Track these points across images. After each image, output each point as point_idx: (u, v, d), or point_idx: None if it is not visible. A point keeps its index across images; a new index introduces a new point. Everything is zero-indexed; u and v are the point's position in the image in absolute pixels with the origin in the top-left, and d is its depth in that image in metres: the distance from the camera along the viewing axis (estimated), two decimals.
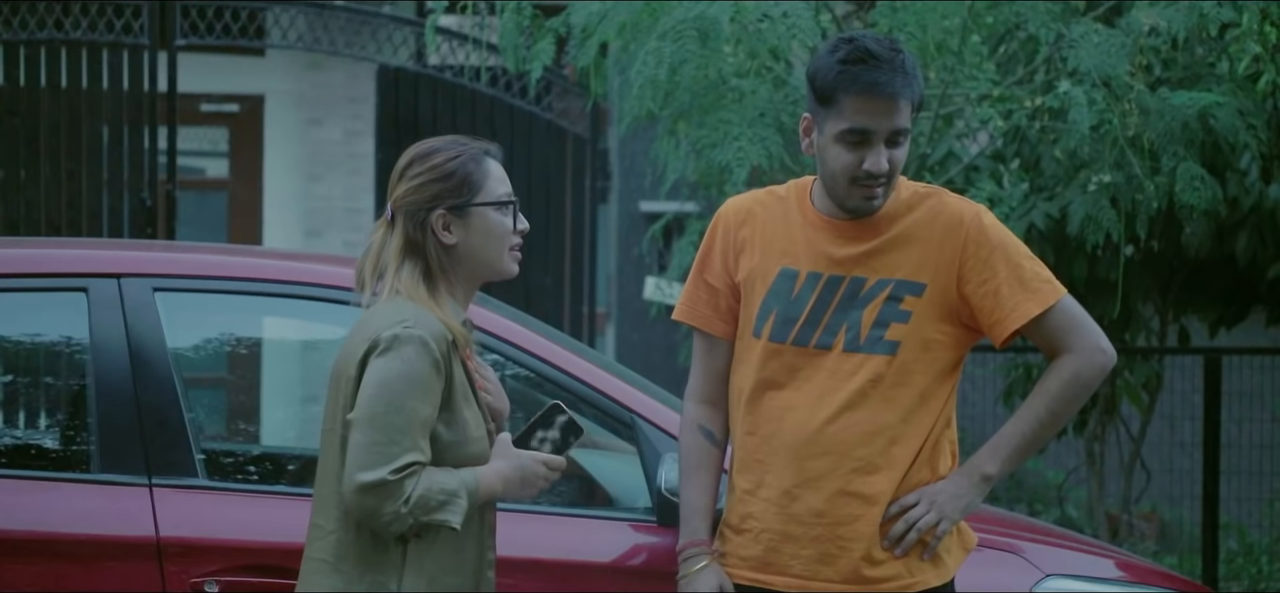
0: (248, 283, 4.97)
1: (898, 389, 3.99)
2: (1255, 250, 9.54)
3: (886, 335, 3.99)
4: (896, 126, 3.96)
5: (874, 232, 4.04)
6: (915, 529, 3.99)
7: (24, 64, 10.63)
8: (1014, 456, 4.06)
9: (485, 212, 3.92)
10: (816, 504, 3.99)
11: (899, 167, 4.00)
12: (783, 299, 4.04)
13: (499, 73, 11.58)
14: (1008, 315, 4.01)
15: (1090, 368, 4.04)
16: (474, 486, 3.83)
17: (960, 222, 4.05)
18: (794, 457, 4.00)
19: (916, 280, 4.01)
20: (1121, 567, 5.30)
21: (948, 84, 8.92)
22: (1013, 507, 12.81)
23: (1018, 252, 4.05)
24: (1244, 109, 8.53)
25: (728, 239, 4.14)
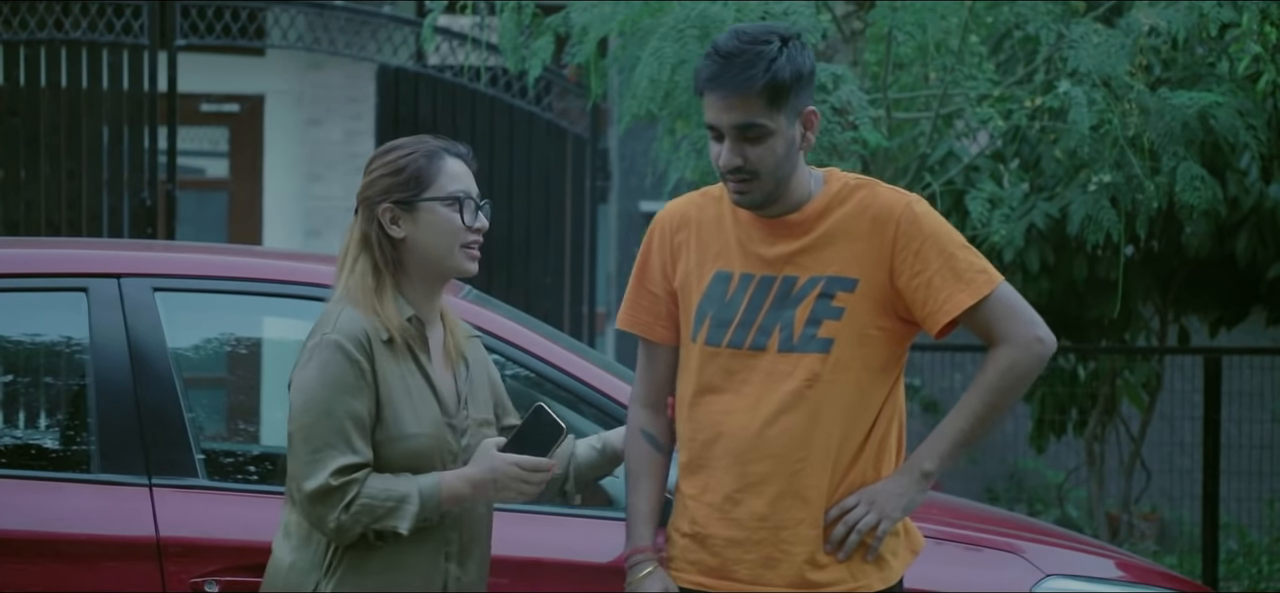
0: (248, 283, 4.97)
1: (834, 388, 3.92)
2: (1255, 250, 9.55)
3: (820, 333, 3.93)
4: (740, 122, 3.87)
5: (804, 229, 3.98)
6: (855, 532, 3.92)
7: (24, 64, 10.63)
8: (952, 450, 3.99)
9: (434, 207, 3.93)
10: (759, 508, 3.94)
11: (765, 161, 3.89)
12: (717, 302, 4.00)
13: (499, 73, 11.58)
14: (941, 307, 3.93)
15: (1027, 358, 3.96)
16: (432, 491, 3.83)
17: (891, 213, 3.96)
18: (735, 461, 3.95)
19: (848, 276, 3.95)
20: (1121, 567, 5.30)
21: (948, 84, 8.92)
22: (1013, 507, 12.82)
23: (951, 241, 3.96)
24: (1244, 109, 8.53)
25: (664, 245, 4.10)
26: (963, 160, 9.49)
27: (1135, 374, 10.52)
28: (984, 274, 3.96)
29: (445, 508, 3.85)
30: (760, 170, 3.90)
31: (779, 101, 3.88)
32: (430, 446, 3.87)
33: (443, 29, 11.46)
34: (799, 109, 3.93)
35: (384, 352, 3.86)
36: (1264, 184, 9.44)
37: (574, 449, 4.20)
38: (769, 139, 3.88)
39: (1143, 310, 10.38)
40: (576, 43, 8.64)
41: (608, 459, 4.24)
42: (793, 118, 3.92)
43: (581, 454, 4.21)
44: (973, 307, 3.94)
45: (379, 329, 3.86)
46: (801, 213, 3.97)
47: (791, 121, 3.91)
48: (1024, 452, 12.76)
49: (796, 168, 3.96)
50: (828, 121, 8.12)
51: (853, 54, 8.90)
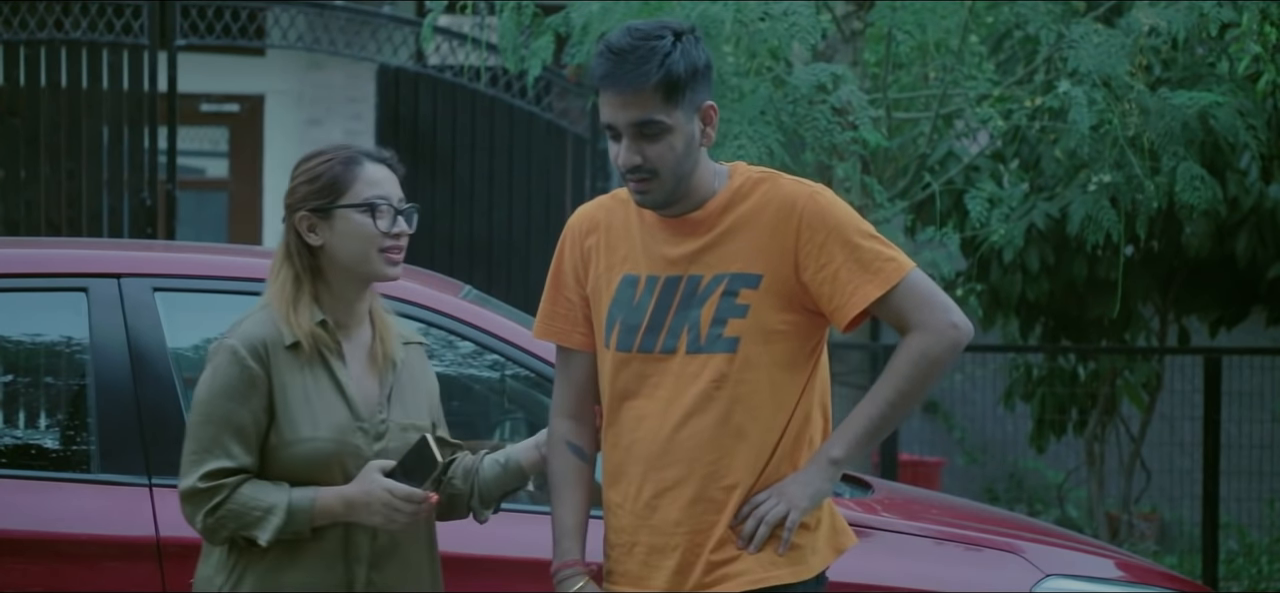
0: (248, 283, 4.96)
1: (742, 387, 3.82)
2: (1255, 250, 9.55)
3: (725, 332, 3.84)
4: (637, 119, 3.78)
5: (706, 226, 3.88)
6: (763, 524, 3.81)
7: (24, 64, 10.63)
8: (862, 439, 3.86)
9: (348, 214, 3.92)
10: (675, 514, 3.85)
11: (665, 159, 3.80)
12: (625, 307, 3.91)
13: (499, 72, 11.58)
14: (848, 300, 3.82)
15: (939, 345, 3.83)
16: (305, 504, 3.82)
17: (792, 206, 3.85)
18: (650, 467, 3.86)
19: (751, 272, 3.84)
20: (1121, 567, 5.30)
21: (948, 84, 8.92)
22: (1013, 507, 12.82)
23: (857, 231, 3.85)
24: (1244, 109, 8.53)
25: (575, 250, 4.01)
26: (963, 160, 9.48)
27: (1135, 374, 10.52)
28: (892, 263, 3.85)
29: (318, 523, 3.83)
30: (660, 169, 3.81)
31: (675, 97, 3.79)
32: (329, 450, 3.86)
33: (443, 29, 11.46)
34: (697, 104, 3.84)
35: (287, 358, 3.87)
36: (1264, 184, 9.44)
37: (479, 467, 4.10)
38: (667, 136, 3.80)
39: (1143, 310, 10.38)
40: (576, 42, 8.64)
41: (511, 475, 4.10)
42: (691, 113, 3.82)
43: (485, 471, 4.09)
44: (882, 297, 3.83)
45: (284, 335, 3.87)
46: (704, 210, 3.88)
47: (690, 117, 3.82)
48: (1024, 452, 12.76)
49: (698, 165, 3.87)
50: (828, 121, 8.12)
51: (853, 54, 8.90)
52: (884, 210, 8.60)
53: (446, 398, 4.97)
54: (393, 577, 3.93)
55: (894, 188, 9.00)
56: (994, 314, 10.17)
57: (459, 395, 5.30)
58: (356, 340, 3.98)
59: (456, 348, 5.04)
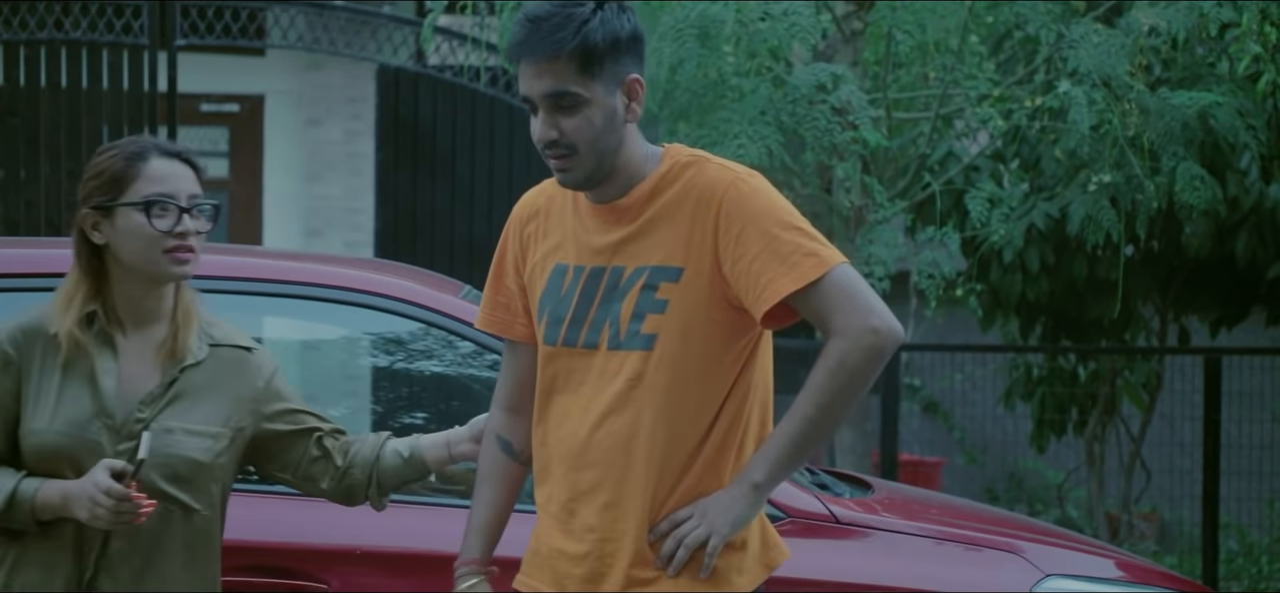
0: (248, 283, 4.97)
1: (658, 387, 3.57)
2: (1255, 250, 9.56)
3: (643, 329, 3.59)
4: (551, 90, 3.54)
5: (632, 214, 3.63)
6: (683, 546, 3.55)
7: (24, 64, 10.63)
8: (784, 460, 3.57)
9: (129, 212, 3.83)
10: (589, 519, 3.63)
11: (582, 133, 3.56)
12: (554, 298, 3.69)
13: (499, 73, 11.59)
14: (761, 294, 3.52)
15: (857, 352, 3.50)
16: (29, 494, 3.75)
17: (713, 193, 3.58)
18: (569, 468, 3.65)
19: (671, 265, 3.59)
20: (1121, 567, 5.30)
21: (948, 84, 8.92)
22: (1013, 507, 12.82)
23: (779, 221, 3.55)
24: (1244, 109, 8.54)
25: (517, 237, 3.81)
26: (963, 160, 9.49)
27: (1135, 374, 10.53)
28: (812, 258, 3.54)
29: (41, 515, 3.74)
30: (578, 144, 3.57)
31: (592, 68, 3.55)
32: (59, 443, 3.77)
33: (443, 29, 11.47)
34: (619, 78, 3.58)
35: (46, 350, 3.82)
36: (1264, 184, 9.44)
37: (380, 456, 3.98)
38: (584, 109, 3.55)
39: (1143, 310, 10.39)
40: None
41: (412, 468, 3.99)
42: (612, 86, 3.57)
43: (386, 460, 3.98)
44: (799, 293, 3.52)
45: (17, 329, 3.84)
46: (629, 198, 3.63)
47: (610, 91, 3.57)
48: (1024, 452, 12.76)
49: (623, 143, 3.61)
50: (828, 121, 8.12)
51: (853, 54, 8.91)
52: (884, 210, 8.60)
53: (447, 398, 4.94)
54: (125, 580, 3.80)
55: (894, 188, 9.00)
56: (994, 314, 10.17)
57: (459, 395, 5.30)
58: (145, 337, 3.87)
59: (456, 348, 5.04)
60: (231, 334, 3.97)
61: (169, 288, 3.88)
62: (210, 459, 3.83)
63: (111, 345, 3.85)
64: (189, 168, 3.90)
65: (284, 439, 3.98)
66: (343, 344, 5.45)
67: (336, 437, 4.02)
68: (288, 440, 3.98)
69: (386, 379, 5.23)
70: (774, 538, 3.73)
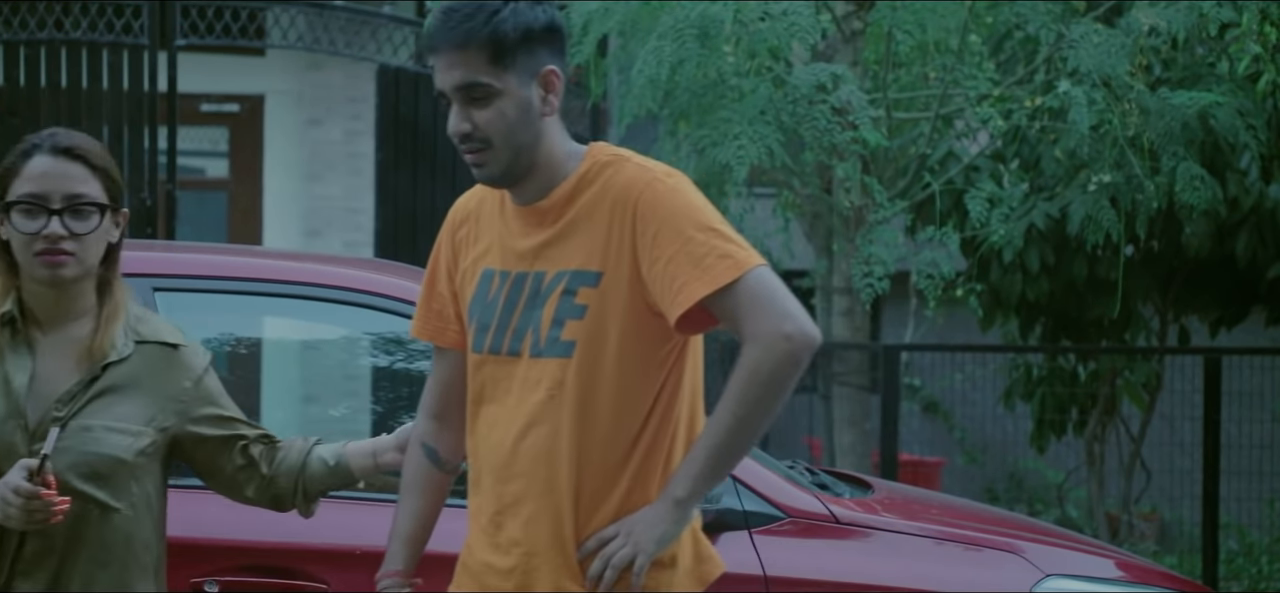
0: (248, 283, 4.97)
1: (578, 397, 3.47)
2: (1255, 250, 9.56)
3: (563, 336, 3.48)
4: (462, 81, 3.45)
5: (555, 216, 3.53)
6: (610, 567, 3.43)
7: (24, 64, 10.63)
8: (707, 473, 3.44)
9: (12, 211, 3.76)
10: (514, 532, 3.52)
11: (495, 126, 3.46)
12: (481, 303, 3.60)
13: None
14: (675, 297, 3.40)
15: (770, 359, 3.38)
16: None
17: (629, 194, 3.47)
18: (496, 479, 3.55)
19: (590, 269, 3.48)
20: (1121, 567, 5.30)
21: (948, 84, 8.93)
22: (1013, 507, 12.83)
23: (694, 222, 3.43)
24: (1244, 109, 8.55)
25: (450, 241, 3.71)
26: (963, 160, 9.49)
27: (1135, 374, 10.53)
28: (727, 261, 3.41)
29: None
30: (492, 137, 3.47)
31: (505, 59, 3.45)
32: None
33: None
34: (534, 69, 3.48)
35: None
36: (1264, 184, 9.45)
37: (306, 464, 3.89)
38: (496, 101, 3.46)
39: (1143, 310, 10.39)
40: (576, 42, 8.64)
41: (338, 477, 3.90)
42: (525, 78, 3.47)
43: (312, 468, 3.90)
44: (713, 296, 3.40)
45: None
46: (550, 198, 3.53)
47: (524, 82, 3.47)
48: (1024, 452, 12.76)
49: (541, 138, 3.51)
50: (828, 121, 8.13)
51: (853, 54, 8.91)
52: (884, 210, 8.61)
53: None
54: (43, 581, 3.72)
55: (894, 188, 9.00)
56: (994, 314, 10.18)
57: None
58: (65, 335, 3.79)
59: None
60: (160, 330, 3.87)
61: (86, 285, 3.80)
62: (130, 457, 3.73)
63: (28, 344, 3.77)
64: (80, 165, 3.78)
65: (208, 444, 3.88)
66: (343, 344, 5.45)
67: (264, 444, 3.92)
68: (212, 446, 3.88)
69: (386, 379, 5.23)
70: (707, 552, 3.61)
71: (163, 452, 3.83)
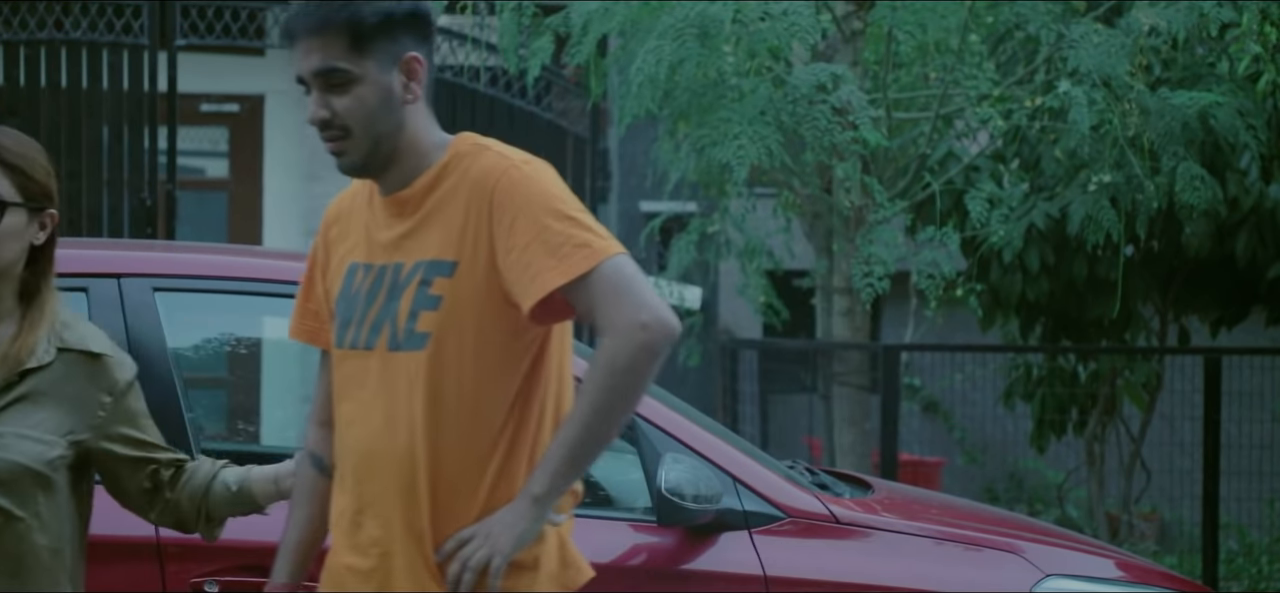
0: (248, 283, 4.97)
1: (434, 391, 3.37)
2: (1255, 250, 9.56)
3: (418, 328, 3.38)
4: (320, 67, 3.39)
5: (414, 206, 3.44)
6: (468, 570, 3.31)
7: (24, 64, 10.63)
8: (565, 469, 3.33)
9: None
10: (373, 531, 3.42)
11: (355, 114, 3.39)
12: (346, 298, 3.51)
13: (499, 73, 11.59)
14: (530, 286, 3.31)
15: (626, 350, 3.28)
16: None
17: (486, 181, 3.38)
18: (355, 479, 3.45)
19: (444, 259, 3.38)
20: (1121, 567, 5.30)
21: (948, 84, 8.93)
22: (1013, 507, 12.83)
23: (551, 210, 3.34)
24: (1244, 109, 8.55)
25: (324, 239, 3.62)
26: (963, 160, 9.49)
27: (1135, 374, 10.53)
28: (583, 249, 3.32)
29: None
30: (351, 125, 3.39)
31: (364, 45, 3.37)
32: None
33: (443, 29, 11.47)
34: (396, 56, 3.41)
35: None
36: (1264, 184, 9.45)
37: (210, 489, 3.79)
38: (355, 87, 3.38)
39: (1143, 310, 10.39)
40: (576, 42, 8.65)
41: (241, 502, 3.79)
42: (386, 64, 3.40)
43: (215, 492, 3.79)
44: (568, 286, 3.30)
45: None
46: (412, 188, 3.44)
47: (385, 69, 3.40)
48: (1024, 452, 12.76)
49: (403, 126, 3.43)
50: (828, 121, 8.13)
51: (853, 54, 8.91)
52: (884, 210, 8.61)
53: None
54: None
55: (894, 188, 9.01)
56: (994, 314, 10.18)
57: None
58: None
59: None
60: (86, 338, 3.75)
61: (7, 288, 3.70)
62: (38, 466, 3.61)
63: None
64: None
65: (117, 462, 3.77)
66: None
67: (173, 468, 3.82)
68: (122, 466, 3.77)
69: None
70: (574, 558, 3.50)
71: (79, 463, 3.72)
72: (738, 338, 13.78)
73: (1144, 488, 11.03)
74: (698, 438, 4.82)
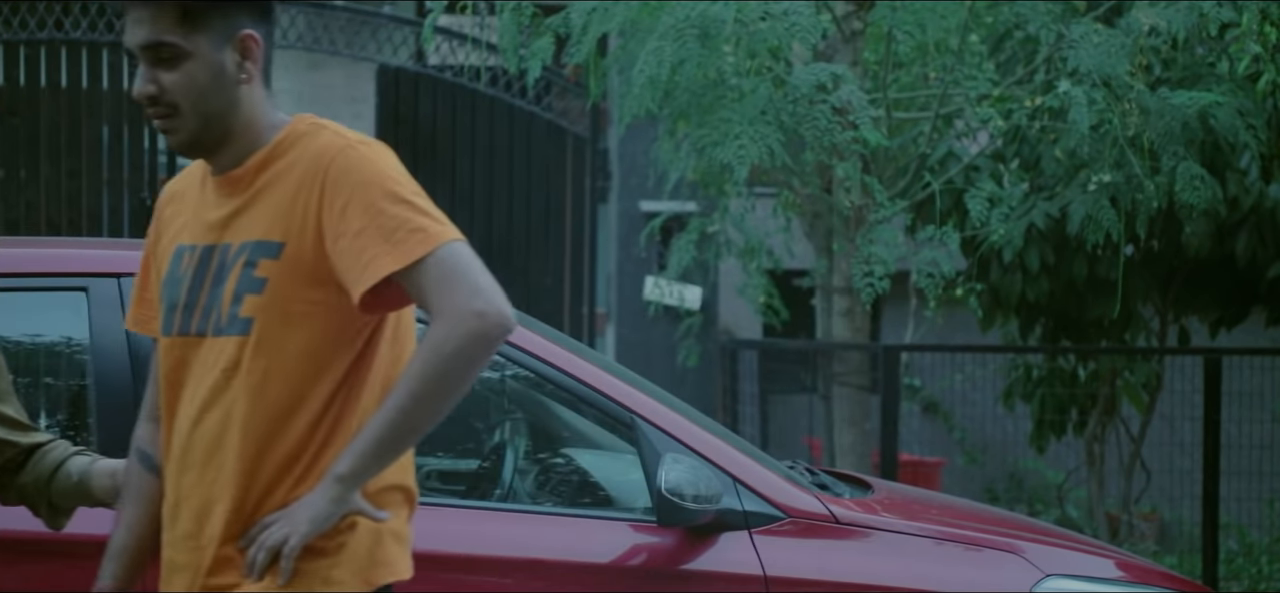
0: None
1: (253, 378, 3.22)
2: (1255, 250, 9.56)
3: (242, 312, 3.23)
4: (148, 40, 3.25)
5: (245, 185, 3.29)
6: (263, 550, 3.16)
7: (24, 64, 10.64)
8: (374, 451, 3.16)
9: None
10: (188, 524, 3.28)
11: (184, 90, 3.25)
12: (171, 282, 3.36)
13: (499, 73, 11.59)
14: (362, 273, 3.16)
15: (457, 334, 3.13)
16: None
17: (320, 161, 3.23)
18: (175, 469, 3.31)
19: (271, 240, 3.23)
20: (1121, 567, 5.30)
21: (948, 84, 8.93)
22: (1013, 507, 12.82)
23: (386, 193, 3.20)
24: (1244, 109, 8.55)
25: (157, 223, 3.48)
26: (963, 160, 9.49)
27: (1135, 374, 10.53)
28: (419, 234, 3.17)
29: None
30: (180, 102, 3.25)
31: (195, 19, 3.23)
32: None
33: (443, 29, 11.47)
34: (230, 33, 3.25)
35: None
36: (1264, 184, 9.45)
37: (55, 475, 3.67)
38: (185, 63, 3.24)
39: (1143, 310, 10.39)
40: (576, 42, 8.65)
41: (80, 492, 3.65)
42: (220, 42, 3.25)
43: (59, 479, 3.68)
44: (403, 273, 3.16)
45: None
46: (244, 167, 3.29)
47: (219, 46, 3.24)
48: (1024, 452, 12.76)
49: (236, 106, 3.28)
50: (828, 121, 8.13)
51: (853, 54, 8.91)
52: (884, 210, 8.61)
53: None
54: None
55: (894, 188, 9.00)
56: (994, 314, 10.18)
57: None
58: None
59: None
60: None
61: None
62: None
63: None
64: None
65: None
66: None
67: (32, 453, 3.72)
68: None
69: None
70: (388, 556, 3.29)
71: None
72: (738, 338, 13.77)
73: (1144, 488, 11.02)
74: (698, 438, 4.82)
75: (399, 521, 3.30)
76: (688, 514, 4.67)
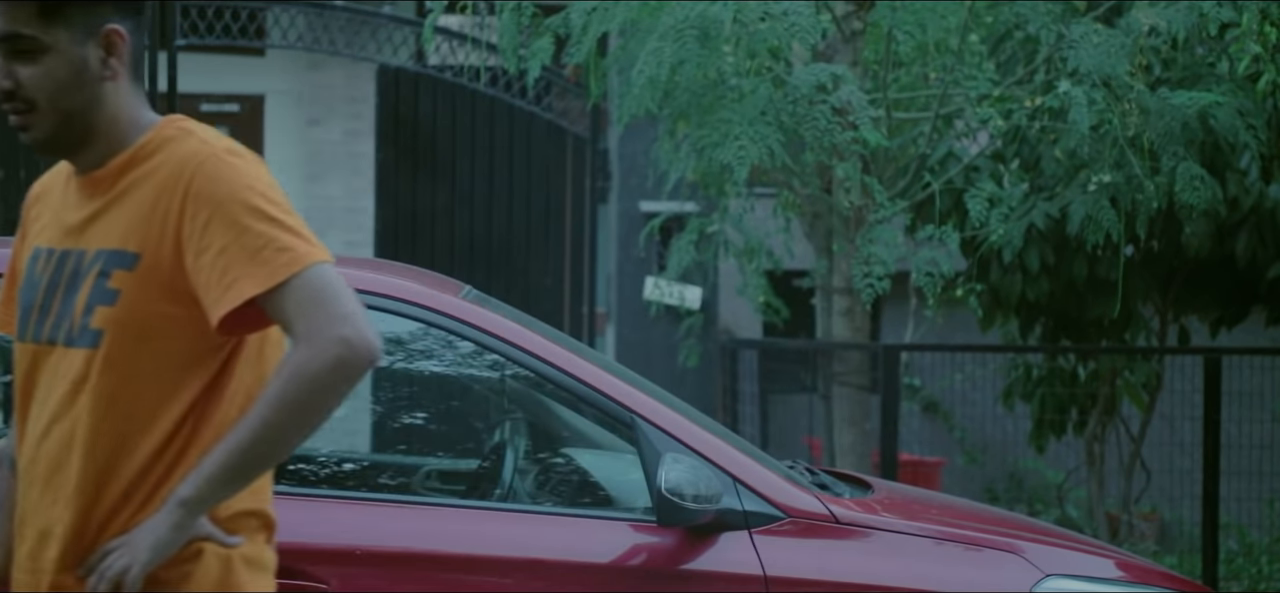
0: None
1: (103, 393, 3.05)
2: (1255, 250, 9.56)
3: (93, 322, 3.06)
4: (4, 32, 3.10)
5: (106, 187, 3.13)
6: (105, 579, 2.97)
7: None
8: (222, 475, 2.98)
9: None
10: (31, 545, 3.12)
11: (41, 86, 3.10)
12: (28, 286, 3.21)
13: (499, 73, 11.59)
14: (224, 295, 2.99)
15: (318, 361, 2.96)
16: None
17: (184, 169, 3.06)
18: (22, 485, 3.15)
19: (127, 250, 3.07)
20: (1121, 567, 5.30)
21: (948, 84, 8.93)
22: (1013, 507, 12.82)
23: (250, 209, 3.04)
24: (1244, 109, 8.55)
25: (24, 222, 3.34)
26: (963, 160, 9.49)
27: (1135, 374, 10.53)
28: (286, 254, 3.01)
29: None
30: (37, 98, 3.10)
31: (55, 12, 3.08)
32: None
33: (443, 29, 11.47)
34: (93, 28, 3.11)
35: None
36: (1264, 184, 9.45)
37: None
38: (44, 57, 3.09)
39: (1143, 310, 10.39)
40: (576, 42, 8.65)
41: None
42: (82, 36, 3.10)
43: None
44: (266, 296, 3.00)
45: None
46: (106, 168, 3.13)
47: (81, 41, 3.10)
48: (1024, 452, 12.76)
49: (99, 104, 3.12)
50: (828, 121, 8.12)
51: (853, 54, 8.91)
52: (884, 210, 8.60)
53: (447, 398, 4.94)
54: None
55: (894, 188, 9.00)
56: (994, 314, 10.18)
57: (458, 395, 5.30)
58: None
59: (456, 348, 5.04)
60: None
61: None
62: None
63: None
64: None
65: None
66: None
67: None
68: None
69: (386, 379, 5.23)
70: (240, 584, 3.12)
71: None
72: (738, 338, 13.78)
73: (1144, 488, 11.02)
74: (698, 438, 4.83)
75: (254, 547, 3.14)
76: (688, 514, 4.67)
